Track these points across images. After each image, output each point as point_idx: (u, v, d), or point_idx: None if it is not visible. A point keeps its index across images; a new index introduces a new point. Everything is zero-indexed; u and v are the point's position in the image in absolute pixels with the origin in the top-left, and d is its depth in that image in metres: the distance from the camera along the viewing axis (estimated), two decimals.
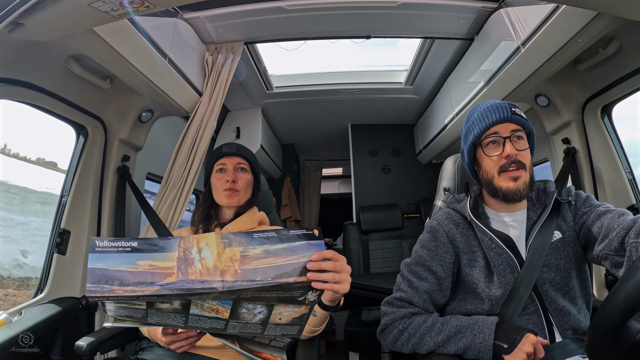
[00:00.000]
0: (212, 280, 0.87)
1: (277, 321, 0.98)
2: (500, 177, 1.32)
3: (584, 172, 2.07)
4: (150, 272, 0.87)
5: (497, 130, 1.33)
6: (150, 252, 0.89)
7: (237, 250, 0.90)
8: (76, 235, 1.93)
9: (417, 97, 3.78)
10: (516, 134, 1.32)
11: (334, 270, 0.94)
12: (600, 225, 1.22)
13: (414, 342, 1.26)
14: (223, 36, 2.41)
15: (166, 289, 0.86)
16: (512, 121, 1.32)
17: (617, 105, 2.01)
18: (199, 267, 0.88)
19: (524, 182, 1.30)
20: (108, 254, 0.86)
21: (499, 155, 1.32)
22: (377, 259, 3.83)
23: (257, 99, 3.74)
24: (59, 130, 1.92)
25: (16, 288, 3.25)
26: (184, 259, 0.89)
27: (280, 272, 0.90)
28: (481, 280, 1.32)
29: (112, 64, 1.69)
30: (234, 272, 0.88)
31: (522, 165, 1.30)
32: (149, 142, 2.32)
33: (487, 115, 1.34)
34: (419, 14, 2.28)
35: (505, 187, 1.31)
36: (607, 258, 1.17)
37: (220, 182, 1.64)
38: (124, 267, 0.86)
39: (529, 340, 1.10)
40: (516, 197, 1.30)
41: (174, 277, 0.87)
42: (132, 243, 0.88)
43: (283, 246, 0.93)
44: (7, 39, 1.31)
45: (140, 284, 0.85)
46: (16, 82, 1.50)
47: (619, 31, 1.60)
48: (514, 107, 1.34)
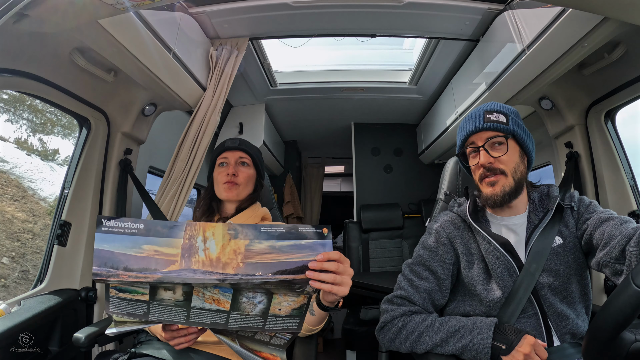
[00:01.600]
0: (213, 271, 0.89)
1: (277, 312, 0.99)
2: (481, 185, 1.37)
3: (586, 176, 2.07)
4: (154, 257, 0.88)
5: (473, 140, 1.36)
6: (156, 237, 0.90)
7: (243, 243, 0.91)
8: (77, 227, 1.93)
9: (420, 97, 3.77)
10: (492, 141, 1.33)
11: (336, 272, 0.95)
12: (602, 232, 1.22)
13: (412, 340, 1.26)
14: (228, 31, 2.41)
15: (168, 277, 0.88)
16: (485, 129, 1.33)
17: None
18: (202, 257, 0.90)
19: (501, 187, 1.31)
20: (114, 234, 0.88)
21: (476, 165, 1.35)
22: (376, 258, 3.83)
23: (261, 95, 3.74)
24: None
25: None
26: (188, 247, 0.90)
27: (281, 268, 0.91)
28: (480, 282, 1.32)
29: (116, 57, 1.69)
30: (236, 265, 0.90)
31: (499, 172, 1.32)
32: (151, 135, 2.32)
33: (464, 127, 1.38)
34: (425, 14, 2.27)
35: (485, 192, 1.35)
36: (607, 265, 1.17)
37: (221, 175, 1.66)
38: (130, 250, 0.88)
39: (527, 341, 1.11)
40: (491, 203, 1.33)
41: (177, 264, 0.89)
42: (139, 225, 0.90)
43: (289, 243, 0.93)
44: (12, 30, 1.31)
45: (143, 270, 0.88)
46: (21, 73, 1.50)
47: (625, 36, 1.59)
48: (490, 113, 1.35)
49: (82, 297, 1.86)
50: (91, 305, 1.92)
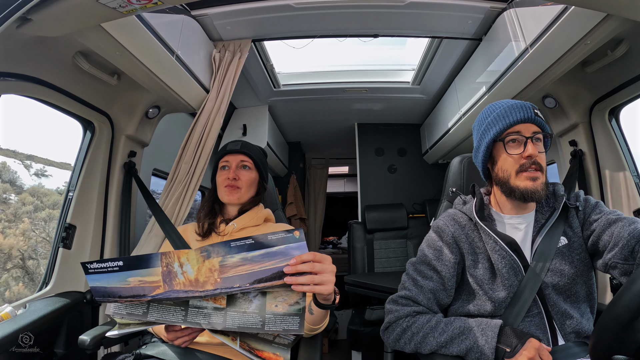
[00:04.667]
0: (194, 290, 0.99)
1: (274, 309, 1.01)
2: (517, 177, 1.31)
3: (590, 175, 2.06)
4: (140, 286, 1.01)
5: (520, 129, 1.31)
6: (136, 269, 1.01)
7: (216, 260, 0.98)
8: (82, 230, 1.94)
9: (424, 97, 3.77)
10: (537, 136, 1.31)
11: (312, 272, 0.97)
12: (610, 233, 1.21)
13: (416, 341, 1.26)
14: (231, 33, 2.42)
15: (157, 299, 1.02)
16: (534, 122, 1.31)
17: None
18: (182, 280, 1.00)
19: (541, 183, 1.29)
20: (100, 273, 1.01)
21: (520, 155, 1.30)
22: (381, 259, 3.83)
23: (264, 97, 3.75)
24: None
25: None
26: (167, 273, 1.00)
27: (257, 277, 0.97)
28: (485, 281, 1.31)
29: (119, 60, 1.69)
30: (214, 281, 0.98)
31: (540, 167, 1.30)
32: (155, 138, 2.33)
33: (511, 113, 1.32)
34: (427, 14, 2.27)
35: (524, 186, 1.29)
36: (616, 266, 1.16)
37: (222, 179, 1.67)
38: (118, 284, 1.01)
39: (532, 345, 1.10)
40: (534, 197, 1.28)
41: (161, 288, 1.00)
42: (119, 263, 1.00)
43: (260, 252, 0.97)
44: (16, 35, 1.31)
45: (135, 297, 1.01)
46: (24, 77, 1.50)
47: (628, 33, 1.58)
48: (536, 109, 1.33)
49: (87, 300, 1.87)
50: (96, 308, 1.93)
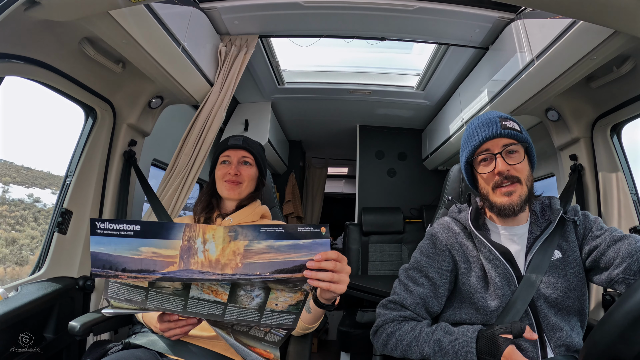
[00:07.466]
0: (212, 272, 0.90)
1: (274, 307, 1.00)
2: (494, 193, 1.33)
3: (589, 190, 2.06)
4: (152, 259, 0.89)
5: (488, 147, 1.33)
6: (154, 238, 0.90)
7: (242, 243, 0.92)
8: (78, 215, 1.94)
9: (427, 103, 3.77)
10: (508, 148, 1.31)
11: (333, 270, 0.96)
12: (617, 249, 1.21)
13: (401, 348, 1.26)
14: (238, 28, 2.42)
15: (167, 277, 0.90)
16: (502, 136, 1.31)
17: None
18: (201, 259, 0.91)
19: (518, 196, 1.30)
20: (110, 236, 0.88)
21: (491, 172, 1.32)
22: (375, 262, 3.83)
23: (268, 93, 3.75)
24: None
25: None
26: (187, 248, 0.90)
27: (279, 267, 0.93)
28: (477, 290, 1.31)
29: (125, 49, 1.69)
30: (235, 265, 0.91)
31: (516, 180, 1.30)
32: (156, 128, 2.33)
33: (477, 133, 1.35)
34: (436, 20, 2.27)
35: (500, 202, 1.31)
36: (624, 282, 1.17)
37: (223, 173, 1.67)
38: (127, 252, 0.88)
39: (511, 351, 1.09)
40: (509, 212, 1.30)
41: (175, 265, 0.90)
42: (135, 227, 0.89)
43: (287, 243, 0.94)
44: (23, 17, 1.31)
45: (142, 272, 0.88)
46: (30, 60, 1.50)
47: (635, 51, 1.58)
48: (505, 120, 1.33)
49: (79, 286, 1.86)
50: (88, 295, 1.92)
